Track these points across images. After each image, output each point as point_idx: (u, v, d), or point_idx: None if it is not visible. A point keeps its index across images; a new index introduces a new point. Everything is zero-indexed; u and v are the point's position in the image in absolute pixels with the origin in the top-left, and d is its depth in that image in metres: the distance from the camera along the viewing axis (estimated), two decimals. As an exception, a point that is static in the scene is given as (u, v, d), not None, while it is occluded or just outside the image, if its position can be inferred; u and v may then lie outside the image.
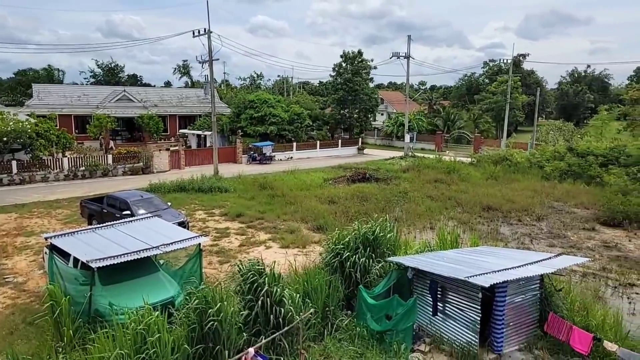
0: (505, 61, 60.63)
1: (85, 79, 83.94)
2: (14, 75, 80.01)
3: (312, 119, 49.37)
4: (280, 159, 41.56)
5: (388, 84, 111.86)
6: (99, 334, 7.15)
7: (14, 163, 28.53)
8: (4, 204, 22.47)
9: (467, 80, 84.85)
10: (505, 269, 9.45)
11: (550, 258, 10.72)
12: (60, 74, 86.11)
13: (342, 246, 11.31)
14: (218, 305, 7.94)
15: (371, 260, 11.15)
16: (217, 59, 30.44)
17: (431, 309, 10.13)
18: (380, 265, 11.14)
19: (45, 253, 12.01)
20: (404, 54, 44.74)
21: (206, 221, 19.74)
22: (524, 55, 79.54)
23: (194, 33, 29.66)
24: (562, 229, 19.37)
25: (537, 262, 10.23)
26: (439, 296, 10.05)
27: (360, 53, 49.61)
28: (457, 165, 33.51)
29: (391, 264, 11.08)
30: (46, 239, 11.13)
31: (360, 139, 51.21)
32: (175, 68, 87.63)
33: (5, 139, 27.81)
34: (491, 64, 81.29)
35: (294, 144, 44.04)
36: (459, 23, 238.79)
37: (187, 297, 8.60)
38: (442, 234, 15.04)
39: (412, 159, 40.70)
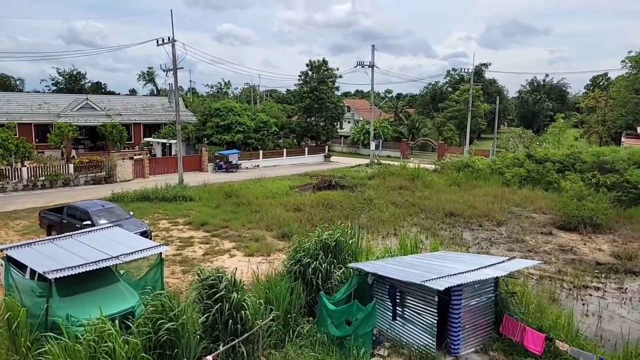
0: (467, 70, 62.66)
1: (46, 87, 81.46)
2: (-34, 82, 76.80)
3: (279, 127, 49.58)
4: (247, 167, 41.50)
5: (355, 92, 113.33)
6: (51, 346, 7.08)
7: (-32, 173, 27.45)
8: (-44, 216, 21.61)
9: (431, 88, 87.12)
10: (461, 273, 9.85)
11: (503, 262, 11.24)
12: (19, 82, 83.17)
13: (303, 253, 11.52)
14: (174, 311, 7.98)
15: (332, 267, 11.40)
16: (182, 68, 30.27)
17: (391, 314, 10.45)
18: (341, 271, 11.40)
19: (1, 265, 11.70)
20: (368, 63, 45.64)
21: (170, 230, 19.56)
22: (485, 65, 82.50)
23: (157, 41, 29.42)
24: (520, 234, 20.19)
25: (491, 265, 10.71)
26: (398, 301, 10.38)
27: (325, 62, 50.32)
28: (422, 172, 34.36)
29: (352, 270, 11.37)
30: (1, 250, 10.86)
31: (326, 147, 51.72)
32: (139, 75, 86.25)
33: (-42, 148, 26.74)
34: (453, 73, 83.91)
35: (261, 152, 44.07)
36: (423, 32, 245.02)
37: (144, 306, 8.60)
38: (403, 240, 15.48)
39: (378, 167, 41.44)
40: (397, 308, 10.37)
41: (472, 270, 10.10)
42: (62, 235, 12.14)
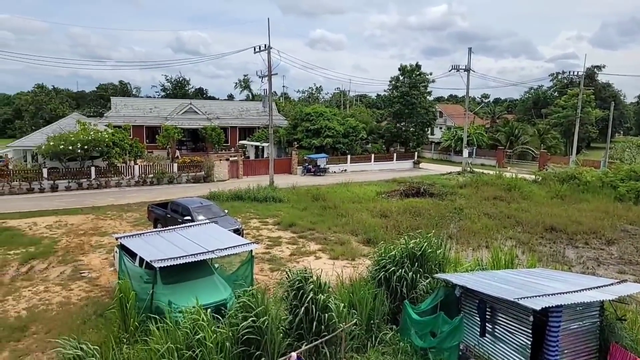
0: (576, 73, 57.63)
1: (156, 92, 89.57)
2: (96, 89, 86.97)
3: (368, 132, 49.56)
4: (334, 172, 42.04)
5: (448, 97, 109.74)
6: (154, 329, 7.78)
7: (92, 169, 31.11)
8: (83, 206, 24.57)
9: (534, 93, 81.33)
10: (561, 293, 9.12)
11: (612, 284, 10.20)
12: (135, 89, 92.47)
13: (388, 260, 11.42)
14: (261, 307, 8.33)
15: (418, 276, 11.15)
16: (276, 74, 31.69)
17: (479, 330, 9.96)
18: (427, 281, 11.10)
19: (116, 252, 13.10)
20: (464, 67, 43.97)
21: (260, 229, 20.47)
22: (598, 67, 75.29)
23: (254, 49, 31.02)
24: (635, 255, 18.15)
25: (597, 287, 9.77)
26: (487, 317, 9.86)
27: (418, 66, 49.29)
28: (519, 183, 32.27)
29: (439, 281, 11.03)
30: (117, 239, 12.17)
31: (416, 153, 50.63)
32: (236, 82, 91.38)
33: (86, 147, 30.43)
34: (559, 77, 77.62)
35: (349, 156, 44.39)
36: (526, 32, 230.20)
37: (237, 300, 9.12)
38: (496, 253, 14.65)
39: (470, 175, 39.68)
40: (487, 324, 9.85)
41: (575, 292, 9.28)
42: (167, 228, 13.28)
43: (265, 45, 30.62)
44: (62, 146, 29.77)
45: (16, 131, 61.93)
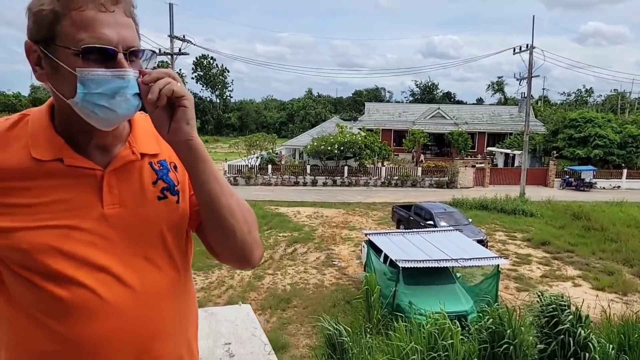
0: None
1: (405, 97, 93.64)
2: (352, 95, 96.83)
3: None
4: (603, 187, 35.50)
5: None
6: (399, 326, 8.00)
7: (345, 168, 34.67)
8: (336, 201, 27.61)
9: None
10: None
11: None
12: (388, 94, 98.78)
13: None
14: (512, 329, 7.61)
15: None
16: (537, 75, 28.71)
17: None
18: None
19: (363, 246, 14.16)
20: None
21: (506, 244, 18.92)
22: None
23: (514, 50, 28.86)
24: None
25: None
26: None
27: None
28: None
29: None
30: (365, 234, 13.15)
31: None
32: (488, 85, 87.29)
33: (342, 147, 34.12)
34: None
35: (625, 171, 36.80)
36: None
37: (480, 315, 8.58)
38: None
39: None
40: None
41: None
42: (411, 230, 13.62)
43: (527, 45, 28.18)
44: (323, 146, 34.10)
45: (288, 132, 73.28)
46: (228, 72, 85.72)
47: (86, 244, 1.09)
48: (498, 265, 11.17)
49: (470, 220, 18.59)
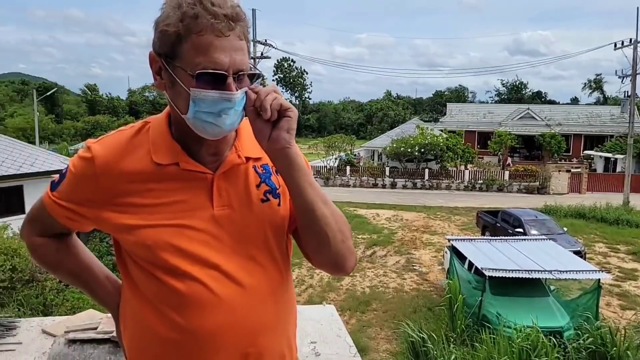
0: None
1: (490, 97, 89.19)
2: (432, 96, 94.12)
3: None
4: None
5: None
6: (486, 338, 7.58)
7: (426, 171, 33.77)
8: (416, 204, 26.98)
9: None
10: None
11: None
12: (471, 94, 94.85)
13: None
14: (618, 350, 6.91)
15: None
16: (645, 71, 25.84)
17: None
18: None
19: (446, 252, 13.65)
20: None
21: (607, 256, 17.25)
22: None
23: (615, 45, 26.30)
24: None
25: None
26: None
27: None
28: None
29: None
30: (448, 240, 12.68)
31: None
32: (585, 83, 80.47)
33: (422, 150, 33.30)
34: None
35: None
36: None
37: (579, 333, 7.91)
38: None
39: None
40: None
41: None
42: (498, 237, 12.89)
43: (630, 40, 25.56)
44: (403, 148, 33.49)
45: (366, 134, 73.15)
46: (307, 74, 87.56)
47: (199, 242, 1.17)
48: (599, 279, 10.19)
49: (565, 229, 17.19)
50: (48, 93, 52.65)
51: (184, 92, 1.09)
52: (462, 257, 12.05)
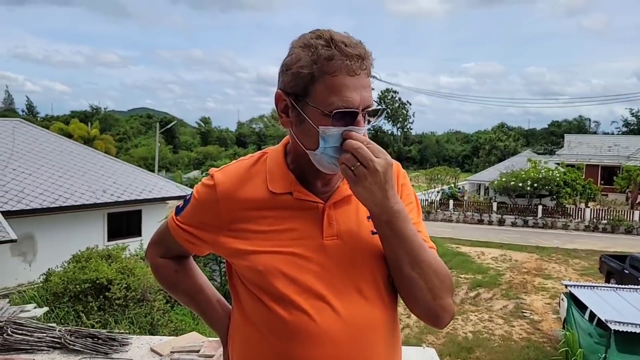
0: None
1: (616, 128, 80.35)
2: (547, 126, 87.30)
3: None
4: None
5: None
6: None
7: (539, 207, 31.12)
8: (527, 244, 24.88)
9: None
10: None
11: None
12: (594, 124, 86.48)
13: None
14: None
15: None
16: None
17: None
18: None
19: (562, 299, 12.31)
20: None
21: None
22: None
23: None
24: None
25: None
26: None
27: None
28: None
29: None
30: (565, 286, 11.43)
31: None
32: None
33: (535, 184, 30.85)
34: None
35: None
36: None
37: None
38: None
39: None
40: None
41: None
42: (627, 287, 11.33)
43: None
44: (513, 182, 31.35)
45: (472, 166, 69.87)
46: (410, 104, 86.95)
47: (307, 272, 1.19)
48: None
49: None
50: (168, 126, 58.61)
51: (313, 129, 1.13)
52: (581, 307, 10.75)
